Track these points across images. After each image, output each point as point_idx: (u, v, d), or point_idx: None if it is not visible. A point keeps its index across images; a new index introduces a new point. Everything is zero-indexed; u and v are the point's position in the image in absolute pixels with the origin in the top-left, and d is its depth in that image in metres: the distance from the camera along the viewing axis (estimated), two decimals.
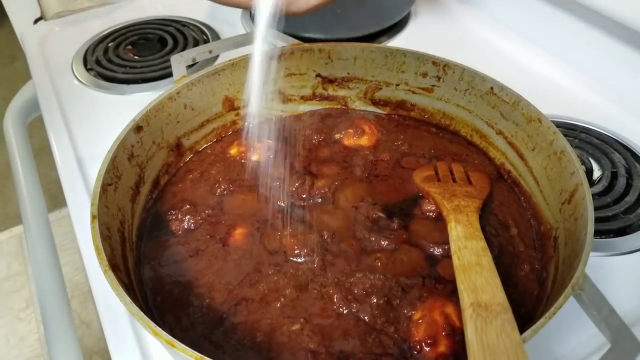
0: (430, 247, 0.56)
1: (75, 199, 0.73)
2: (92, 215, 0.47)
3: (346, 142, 0.70)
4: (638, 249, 0.66)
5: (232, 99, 0.70)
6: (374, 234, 0.57)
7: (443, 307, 0.49)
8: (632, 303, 0.59)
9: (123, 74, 0.96)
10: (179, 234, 0.58)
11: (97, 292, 0.61)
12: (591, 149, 0.79)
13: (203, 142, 0.70)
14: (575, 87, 0.90)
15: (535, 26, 1.00)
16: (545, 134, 0.57)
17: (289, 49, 0.70)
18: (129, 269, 0.52)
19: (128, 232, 0.55)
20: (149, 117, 0.60)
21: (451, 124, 0.70)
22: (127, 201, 0.56)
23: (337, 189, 0.63)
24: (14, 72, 2.88)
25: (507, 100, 0.62)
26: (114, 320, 0.58)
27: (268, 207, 0.61)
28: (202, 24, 1.10)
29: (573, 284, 0.41)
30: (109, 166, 0.52)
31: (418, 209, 0.60)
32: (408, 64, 0.69)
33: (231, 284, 0.53)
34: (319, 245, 0.56)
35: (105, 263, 0.43)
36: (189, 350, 0.37)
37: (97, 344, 1.83)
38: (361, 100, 0.75)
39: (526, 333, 0.38)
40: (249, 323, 0.49)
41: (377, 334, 0.48)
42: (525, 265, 0.55)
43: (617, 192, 0.73)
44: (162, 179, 0.64)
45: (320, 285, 0.53)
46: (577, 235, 0.48)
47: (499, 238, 0.57)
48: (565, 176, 0.54)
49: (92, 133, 0.84)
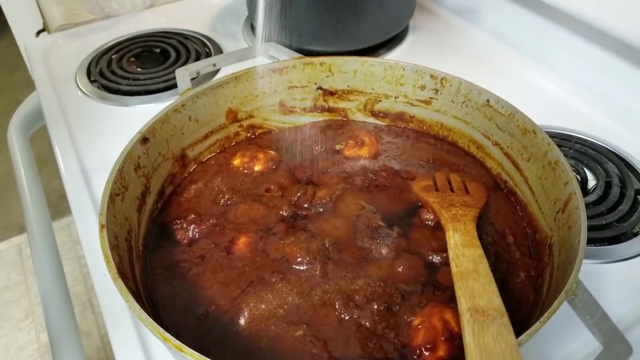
0: (429, 255, 0.57)
1: (81, 209, 0.74)
2: (100, 225, 0.48)
3: (347, 152, 0.72)
4: (631, 256, 0.67)
5: (235, 111, 0.72)
6: (374, 242, 0.59)
7: (442, 313, 0.51)
8: (625, 309, 0.60)
9: (126, 86, 0.98)
10: (184, 243, 0.60)
11: (103, 299, 0.62)
12: (585, 159, 0.80)
13: (207, 153, 0.71)
14: (570, 99, 0.93)
15: (531, 39, 1.02)
16: (539, 145, 0.59)
17: (291, 63, 0.71)
18: (136, 277, 0.53)
19: (135, 241, 0.56)
20: (154, 128, 0.62)
21: (449, 135, 0.72)
22: (133, 211, 0.58)
23: (338, 199, 0.64)
24: (15, 83, 2.90)
25: (502, 112, 0.64)
26: (120, 327, 0.59)
27: (271, 216, 0.62)
28: (204, 37, 1.12)
29: (567, 289, 0.43)
30: (117, 176, 0.54)
31: (417, 218, 0.62)
32: (407, 77, 0.71)
33: (235, 292, 0.54)
34: (320, 254, 0.57)
35: (115, 271, 0.44)
36: (197, 355, 0.38)
37: (97, 354, 1.83)
38: (361, 112, 0.76)
39: (522, 337, 0.40)
40: (254, 329, 0.51)
41: (377, 339, 0.50)
42: (521, 272, 0.57)
43: (611, 201, 0.74)
44: (167, 189, 0.66)
45: (322, 292, 0.54)
46: (570, 243, 0.50)
47: (496, 246, 0.58)
48: (559, 186, 0.56)
49: (96, 144, 0.85)
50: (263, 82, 0.71)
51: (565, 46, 0.96)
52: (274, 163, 0.70)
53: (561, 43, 0.96)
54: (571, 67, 0.96)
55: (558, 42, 0.97)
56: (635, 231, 0.71)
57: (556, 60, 0.98)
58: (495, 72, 0.99)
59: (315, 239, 0.59)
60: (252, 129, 0.74)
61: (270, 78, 0.71)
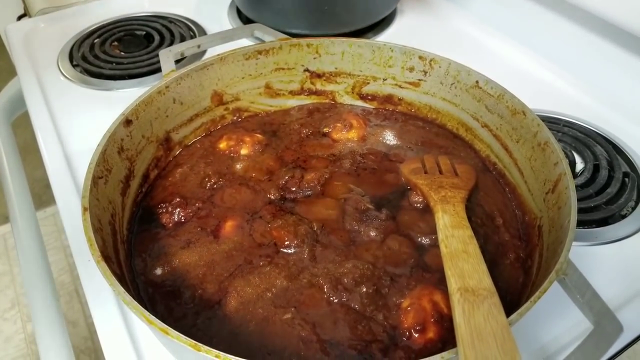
0: (417, 237, 0.57)
1: (64, 195, 0.72)
2: (83, 207, 0.47)
3: (335, 135, 0.71)
4: (619, 238, 0.68)
5: (220, 93, 0.70)
6: (362, 225, 0.58)
7: (431, 295, 0.50)
8: (615, 289, 0.60)
9: (109, 70, 0.96)
10: (170, 227, 0.59)
11: (88, 286, 0.61)
12: (574, 142, 0.80)
13: (192, 137, 0.70)
14: (559, 83, 0.92)
15: (519, 24, 1.02)
16: (529, 126, 0.59)
17: (277, 44, 0.70)
18: (120, 261, 0.52)
19: (119, 225, 0.55)
20: (138, 111, 0.60)
21: (437, 118, 0.71)
22: (117, 194, 0.56)
23: (326, 182, 0.64)
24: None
25: (492, 93, 0.63)
26: (105, 313, 0.58)
27: (258, 200, 0.62)
28: (188, 20, 1.10)
29: (557, 269, 0.43)
30: (99, 159, 0.52)
31: (406, 201, 0.61)
32: (395, 58, 0.70)
33: (222, 275, 0.53)
34: (308, 237, 0.57)
35: (98, 254, 0.43)
36: (182, 337, 0.38)
37: (84, 343, 1.82)
38: (349, 94, 0.75)
39: (512, 316, 0.40)
40: (241, 313, 0.50)
41: (366, 321, 0.49)
42: (510, 253, 0.56)
43: (599, 183, 0.74)
44: (152, 172, 0.65)
45: (311, 275, 0.53)
46: (560, 223, 0.50)
47: (485, 228, 0.58)
48: (548, 166, 0.55)
49: (79, 129, 0.84)
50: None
51: (555, 30, 0.96)
52: (261, 146, 0.69)
53: (550, 27, 0.96)
54: (560, 51, 0.95)
55: (547, 27, 0.97)
56: (622, 213, 0.72)
57: (545, 45, 0.98)
58: (484, 56, 0.99)
59: (303, 222, 0.58)
60: (238, 112, 0.73)
61: (256, 59, 0.70)
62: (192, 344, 0.37)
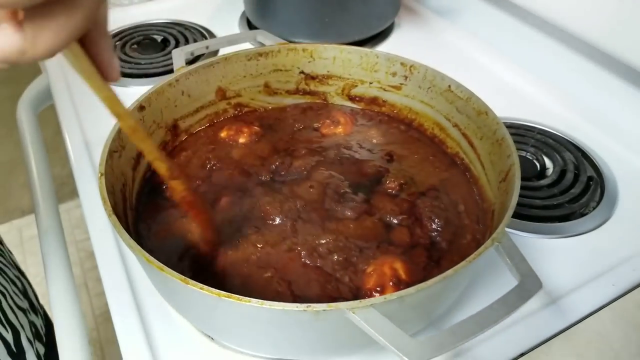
0: (386, 217, 0.65)
1: (83, 175, 0.82)
2: (100, 173, 0.56)
3: (324, 130, 0.79)
4: (578, 233, 0.75)
5: (224, 89, 0.79)
6: (340, 205, 0.66)
7: (392, 263, 0.58)
8: (570, 276, 0.68)
9: (128, 69, 1.06)
10: (173, 200, 0.67)
11: (100, 253, 0.70)
12: (545, 148, 0.88)
13: (197, 126, 0.79)
14: (535, 93, 1.00)
15: (503, 38, 1.11)
16: (490, 124, 0.67)
17: (276, 48, 0.79)
18: (128, 223, 0.61)
19: (129, 194, 0.64)
20: (150, 99, 0.69)
21: (416, 118, 0.80)
22: (129, 168, 0.65)
23: (312, 169, 0.71)
24: (18, 72, 2.97)
25: (461, 96, 0.71)
26: (116, 283, 0.67)
27: (251, 180, 0.70)
28: (202, 28, 1.20)
29: (494, 237, 0.50)
30: (115, 136, 0.61)
31: (381, 187, 0.69)
32: (380, 64, 0.79)
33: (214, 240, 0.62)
34: (292, 212, 0.65)
35: (110, 209, 0.52)
36: (176, 274, 0.46)
37: (90, 334, 1.87)
38: (339, 95, 0.84)
39: (448, 271, 0.47)
40: (228, 269, 0.58)
41: (335, 282, 0.57)
42: (467, 235, 0.64)
43: (564, 185, 0.82)
44: None
45: (291, 243, 0.61)
46: (507, 206, 0.57)
47: (447, 212, 0.66)
48: (503, 159, 0.63)
49: (98, 120, 0.93)
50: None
51: (534, 44, 1.04)
52: (257, 137, 0.77)
53: (530, 41, 1.05)
54: (538, 64, 1.04)
55: (527, 41, 1.05)
56: (584, 212, 0.79)
57: (525, 58, 1.06)
58: (471, 67, 1.07)
59: (288, 200, 0.66)
60: (239, 107, 0.82)
61: (257, 61, 0.79)
62: (182, 278, 0.45)
